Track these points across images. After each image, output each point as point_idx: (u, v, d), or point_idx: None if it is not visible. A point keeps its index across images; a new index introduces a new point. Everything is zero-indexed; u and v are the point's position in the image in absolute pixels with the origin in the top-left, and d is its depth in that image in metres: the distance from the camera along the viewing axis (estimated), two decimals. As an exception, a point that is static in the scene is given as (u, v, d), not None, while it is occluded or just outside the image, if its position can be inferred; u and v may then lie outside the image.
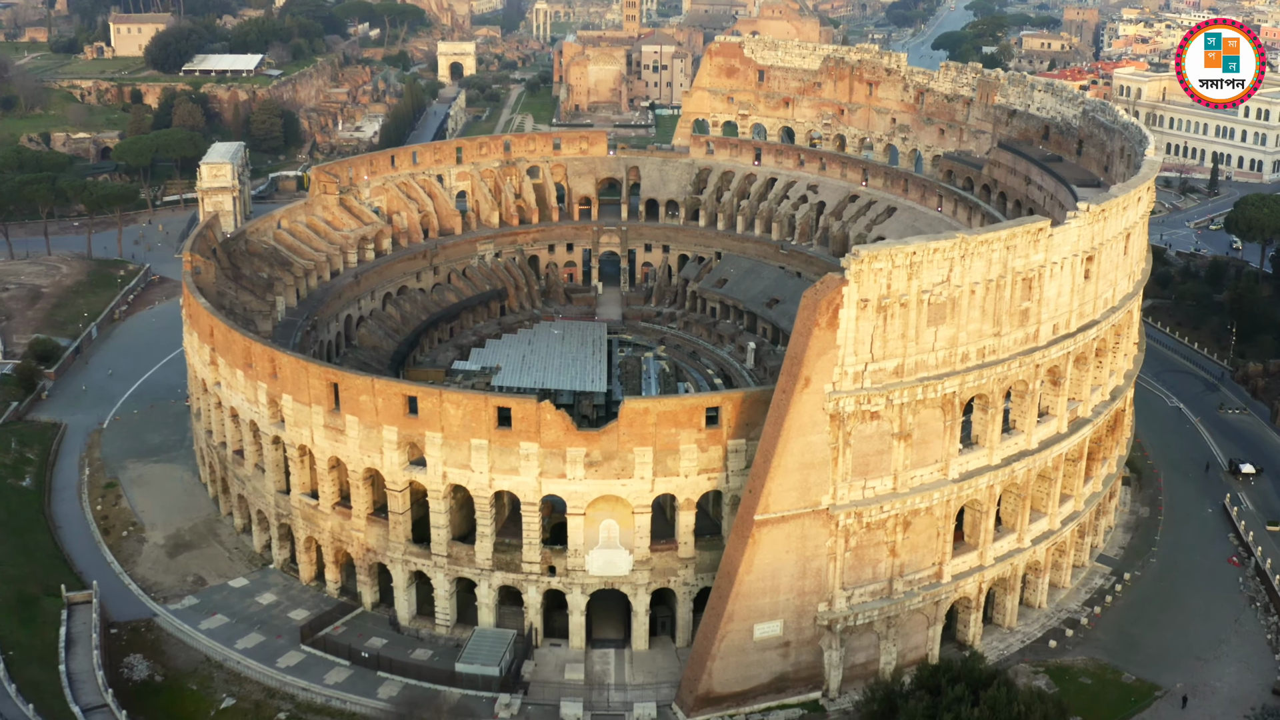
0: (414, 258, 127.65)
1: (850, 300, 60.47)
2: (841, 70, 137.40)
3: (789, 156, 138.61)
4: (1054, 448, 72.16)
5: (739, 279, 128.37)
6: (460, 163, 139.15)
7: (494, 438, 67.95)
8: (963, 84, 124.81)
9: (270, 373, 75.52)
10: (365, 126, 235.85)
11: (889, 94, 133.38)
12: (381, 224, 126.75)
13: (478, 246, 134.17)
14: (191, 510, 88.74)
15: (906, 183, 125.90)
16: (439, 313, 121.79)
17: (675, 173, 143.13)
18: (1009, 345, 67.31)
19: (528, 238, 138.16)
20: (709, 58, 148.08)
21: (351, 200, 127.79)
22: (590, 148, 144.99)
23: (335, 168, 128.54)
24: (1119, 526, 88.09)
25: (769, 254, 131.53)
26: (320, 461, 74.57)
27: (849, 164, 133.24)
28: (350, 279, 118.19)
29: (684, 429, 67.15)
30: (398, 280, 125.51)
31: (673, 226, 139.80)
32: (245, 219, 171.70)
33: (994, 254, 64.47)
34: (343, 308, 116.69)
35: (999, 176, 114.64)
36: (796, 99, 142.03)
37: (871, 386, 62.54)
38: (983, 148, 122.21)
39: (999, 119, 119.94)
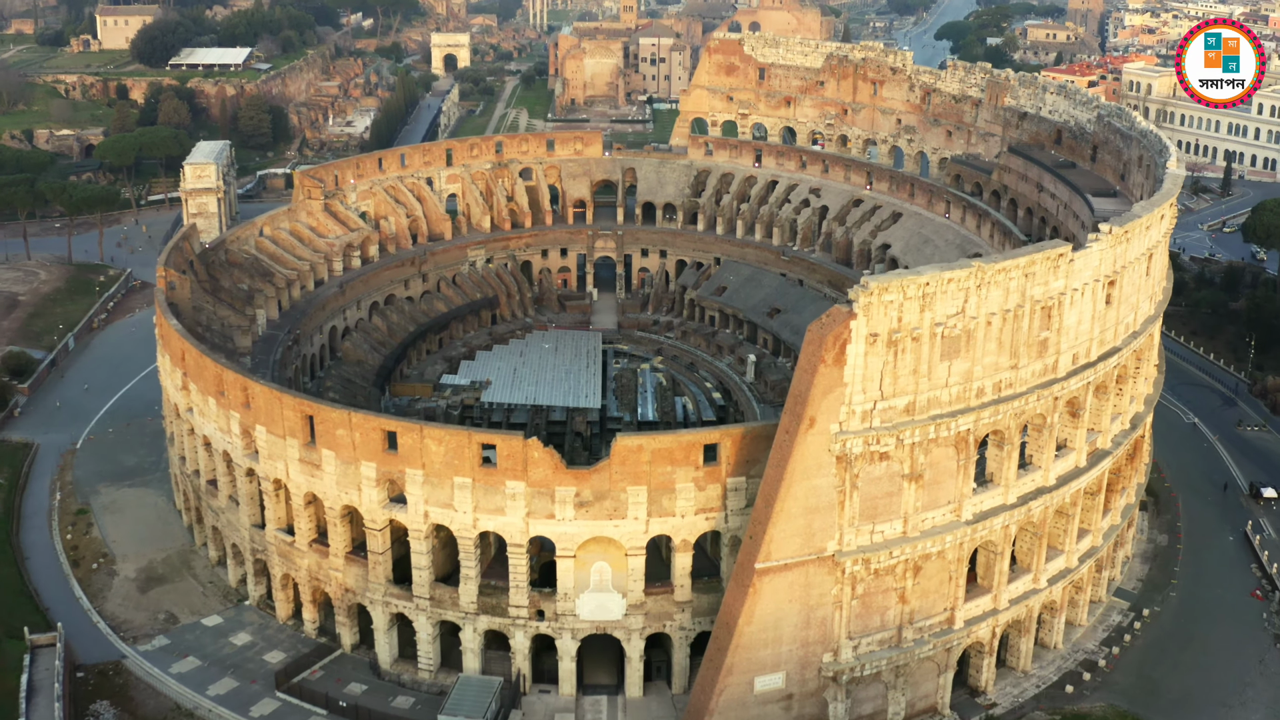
0: (402, 265, 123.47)
1: (858, 335, 56.45)
2: (845, 69, 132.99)
3: (790, 158, 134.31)
4: (1073, 483, 68.29)
5: (739, 287, 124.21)
6: (450, 165, 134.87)
7: (478, 476, 64.02)
8: (971, 84, 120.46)
9: (243, 402, 71.52)
10: (356, 121, 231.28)
11: (894, 94, 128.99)
12: (368, 230, 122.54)
13: (468, 252, 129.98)
14: (165, 540, 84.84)
15: (913, 187, 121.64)
16: (427, 323, 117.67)
17: (673, 174, 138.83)
18: (1027, 378, 63.35)
19: (520, 243, 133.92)
20: (708, 55, 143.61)
21: (337, 205, 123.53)
22: (585, 148, 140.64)
23: (320, 171, 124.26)
24: (1136, 556, 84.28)
25: (770, 260, 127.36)
26: (296, 497, 70.65)
27: (853, 166, 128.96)
28: (335, 289, 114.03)
29: (680, 467, 63.22)
30: (385, 289, 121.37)
31: (670, 231, 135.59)
32: (231, 219, 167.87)
33: (1012, 282, 60.44)
34: (327, 319, 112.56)
35: (1009, 182, 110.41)
36: (798, 98, 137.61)
37: (881, 426, 58.58)
38: (992, 151, 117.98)
39: (1009, 121, 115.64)
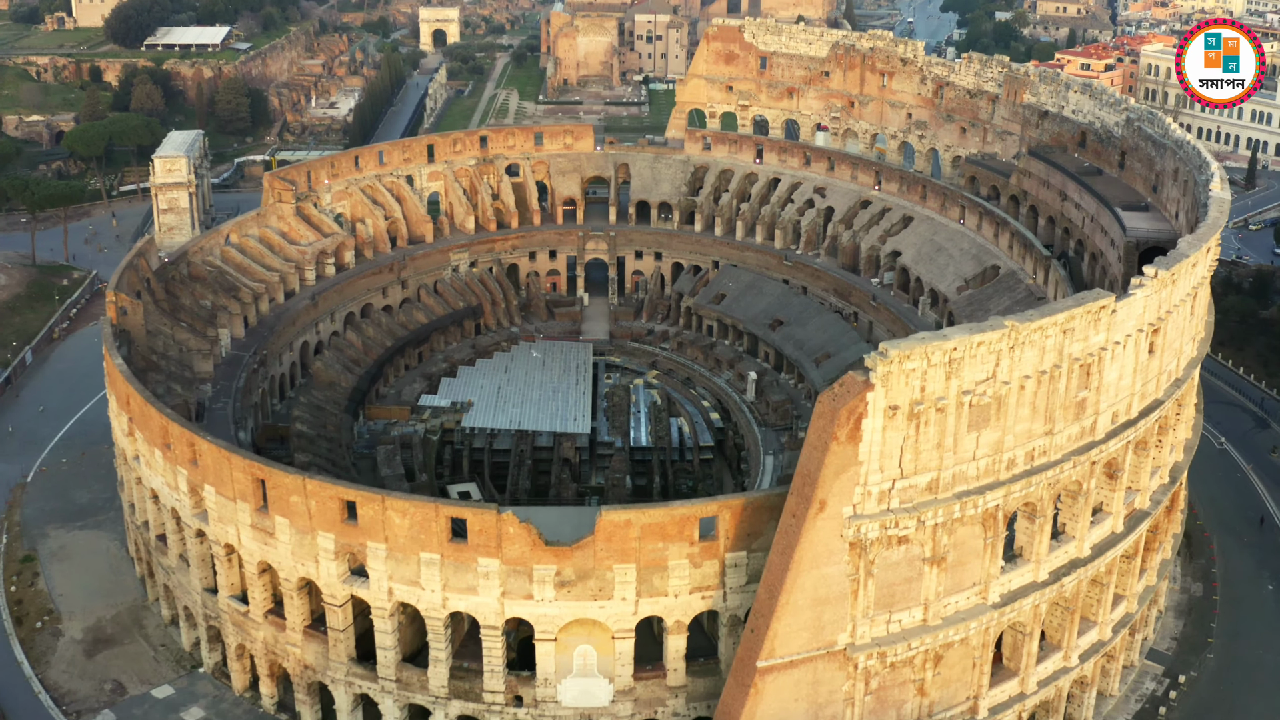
0: (379, 271, 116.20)
1: (876, 408, 49.64)
2: (852, 59, 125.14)
3: (794, 155, 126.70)
4: (1110, 552, 61.78)
5: (738, 295, 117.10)
6: (432, 161, 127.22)
7: (447, 552, 57.44)
8: (987, 78, 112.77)
9: (190, 458, 64.80)
10: (340, 102, 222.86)
11: (904, 86, 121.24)
12: (343, 235, 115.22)
13: (451, 256, 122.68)
14: (116, 593, 78.34)
15: (925, 189, 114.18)
16: (406, 337, 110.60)
17: (668, 171, 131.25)
18: (1063, 444, 56.64)
19: (506, 245, 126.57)
20: (706, 42, 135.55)
21: (310, 208, 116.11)
22: (575, 142, 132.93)
23: (292, 172, 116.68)
24: (1170, 609, 77.97)
25: (771, 265, 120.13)
26: (249, 564, 64.11)
27: (860, 165, 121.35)
28: (307, 300, 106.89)
29: (673, 542, 56.65)
30: (361, 298, 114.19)
31: (666, 231, 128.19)
32: (205, 213, 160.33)
33: (1048, 340, 53.52)
34: (298, 334, 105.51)
35: (1029, 188, 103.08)
36: (802, 89, 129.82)
37: (900, 507, 51.94)
38: (1009, 151, 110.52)
39: (1028, 120, 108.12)
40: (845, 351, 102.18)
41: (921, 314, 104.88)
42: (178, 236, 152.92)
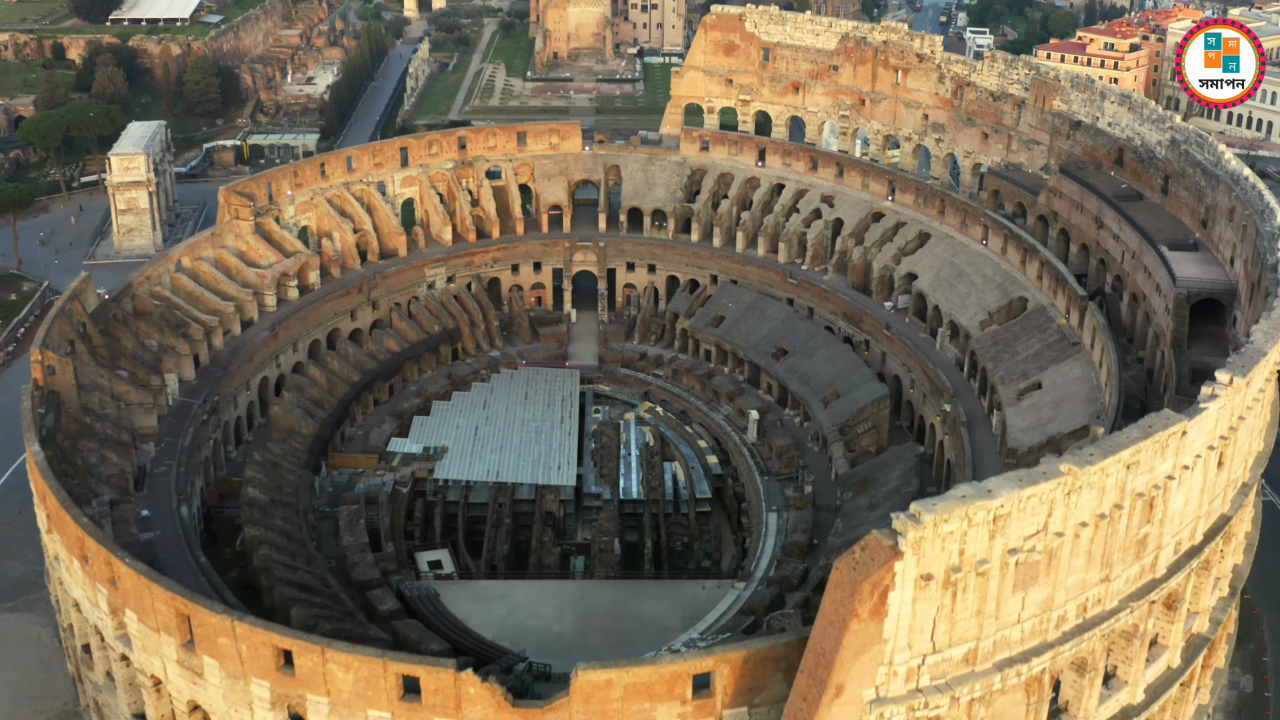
0: (348, 293, 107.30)
1: (905, 578, 41.32)
2: (863, 52, 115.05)
3: (799, 158, 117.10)
4: (1167, 692, 53.93)
5: (738, 317, 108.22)
6: (406, 165, 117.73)
7: (399, 711, 49.51)
8: (1013, 80, 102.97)
9: (109, 578, 56.70)
10: (318, 77, 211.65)
11: (921, 84, 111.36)
12: (307, 254, 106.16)
13: (426, 272, 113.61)
14: (45, 696, 70.46)
15: (943, 204, 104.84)
16: (375, 370, 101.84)
17: (663, 174, 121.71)
18: (1120, 588, 48.45)
19: (486, 258, 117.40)
20: (703, 31, 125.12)
21: (271, 224, 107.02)
22: (562, 142, 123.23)
23: (250, 185, 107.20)
24: (1218, 711, 70.35)
25: (775, 282, 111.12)
26: (178, 702, 56.26)
27: (872, 173, 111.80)
28: (266, 332, 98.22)
29: (662, 702, 48.68)
30: (327, 323, 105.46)
31: (660, 242, 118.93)
32: (169, 210, 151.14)
33: (1109, 480, 45.07)
34: (255, 371, 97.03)
35: (1060, 209, 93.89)
36: (808, 84, 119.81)
37: (931, 685, 43.92)
38: (1036, 161, 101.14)
39: (1058, 129, 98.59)
40: (856, 391, 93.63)
41: (940, 346, 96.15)
42: (137, 239, 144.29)
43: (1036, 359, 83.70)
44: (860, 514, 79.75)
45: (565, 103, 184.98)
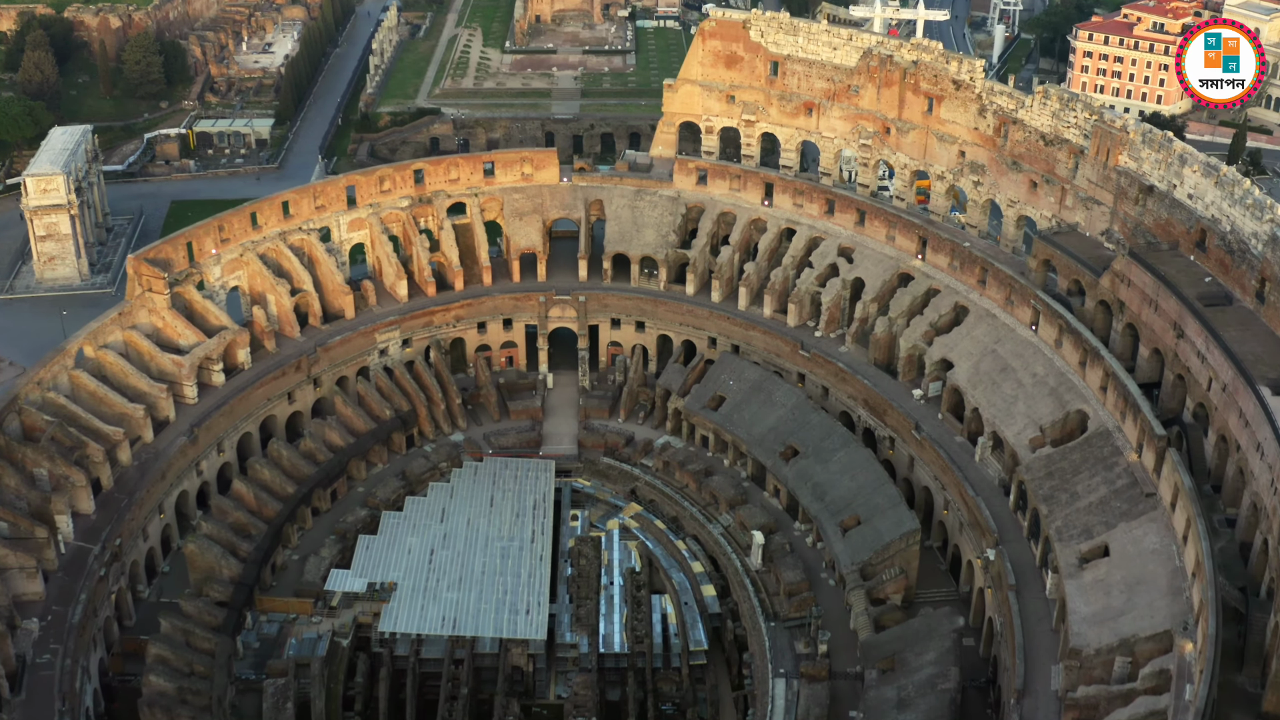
0: (284, 372, 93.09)
1: None
2: (889, 73, 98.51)
3: (813, 199, 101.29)
4: None
5: (741, 400, 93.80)
6: (353, 206, 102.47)
7: None
8: (1069, 122, 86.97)
9: None
10: (277, 43, 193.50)
11: (957, 116, 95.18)
12: (234, 331, 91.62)
13: (377, 337, 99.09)
14: None
15: (984, 272, 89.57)
16: (314, 476, 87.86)
17: (653, 211, 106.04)
18: None
19: (448, 316, 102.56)
20: (701, 39, 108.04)
21: (191, 293, 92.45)
22: (535, 172, 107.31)
23: (165, 249, 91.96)
24: None
25: (784, 353, 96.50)
26: None
27: (899, 224, 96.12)
28: (184, 436, 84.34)
29: None
30: (259, 412, 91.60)
31: (650, 294, 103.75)
32: (98, 226, 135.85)
33: None
34: (171, 488, 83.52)
35: (1128, 300, 78.84)
36: (823, 105, 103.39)
37: None
38: (1096, 224, 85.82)
39: (1124, 190, 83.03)
40: (880, 519, 79.77)
41: (980, 459, 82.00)
42: (60, 268, 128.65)
43: (1102, 510, 69.68)
44: (887, 710, 66.72)
45: (547, 82, 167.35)
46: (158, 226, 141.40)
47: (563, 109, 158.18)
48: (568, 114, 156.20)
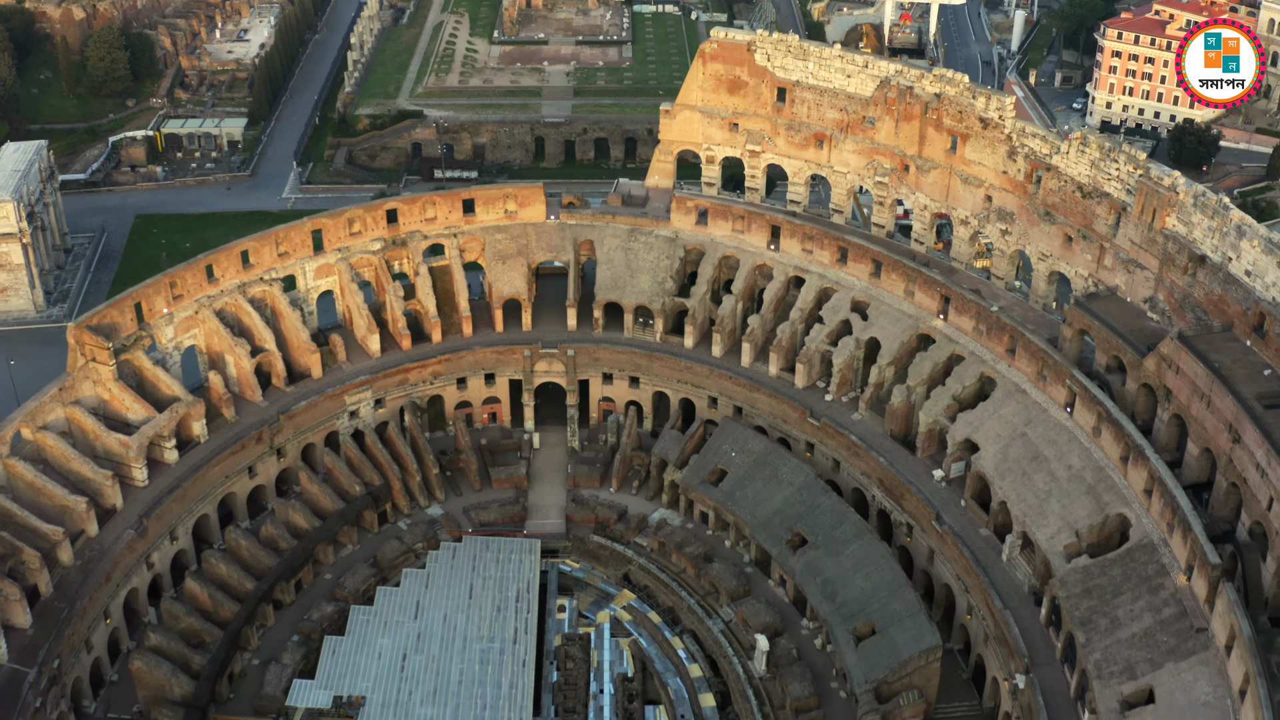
0: (243, 446, 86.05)
1: None
2: (909, 106, 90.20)
3: (824, 245, 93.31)
4: None
5: (744, 475, 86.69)
6: (320, 252, 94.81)
7: None
8: (1110, 173, 78.94)
9: None
10: (253, 30, 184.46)
11: (984, 156, 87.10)
12: (188, 403, 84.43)
13: (347, 399, 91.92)
14: None
15: (1014, 341, 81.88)
16: (277, 569, 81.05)
17: (649, 254, 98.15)
18: None
19: (424, 373, 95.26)
20: (701, 62, 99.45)
21: (140, 359, 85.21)
22: (520, 210, 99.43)
23: (111, 314, 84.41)
24: None
25: (792, 419, 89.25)
26: None
27: (919, 279, 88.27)
28: (131, 530, 77.47)
29: None
30: (217, 491, 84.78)
31: (645, 347, 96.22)
32: (55, 249, 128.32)
33: None
34: (117, 590, 76.78)
35: (1176, 389, 71.29)
36: (835, 137, 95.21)
37: None
38: (1138, 289, 78.15)
39: (1172, 257, 75.18)
40: (897, 630, 72.93)
41: (1008, 559, 74.97)
42: (13, 300, 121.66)
43: (1147, 644, 62.82)
44: None
45: (538, 79, 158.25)
46: (120, 245, 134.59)
47: (554, 110, 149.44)
48: (559, 116, 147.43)
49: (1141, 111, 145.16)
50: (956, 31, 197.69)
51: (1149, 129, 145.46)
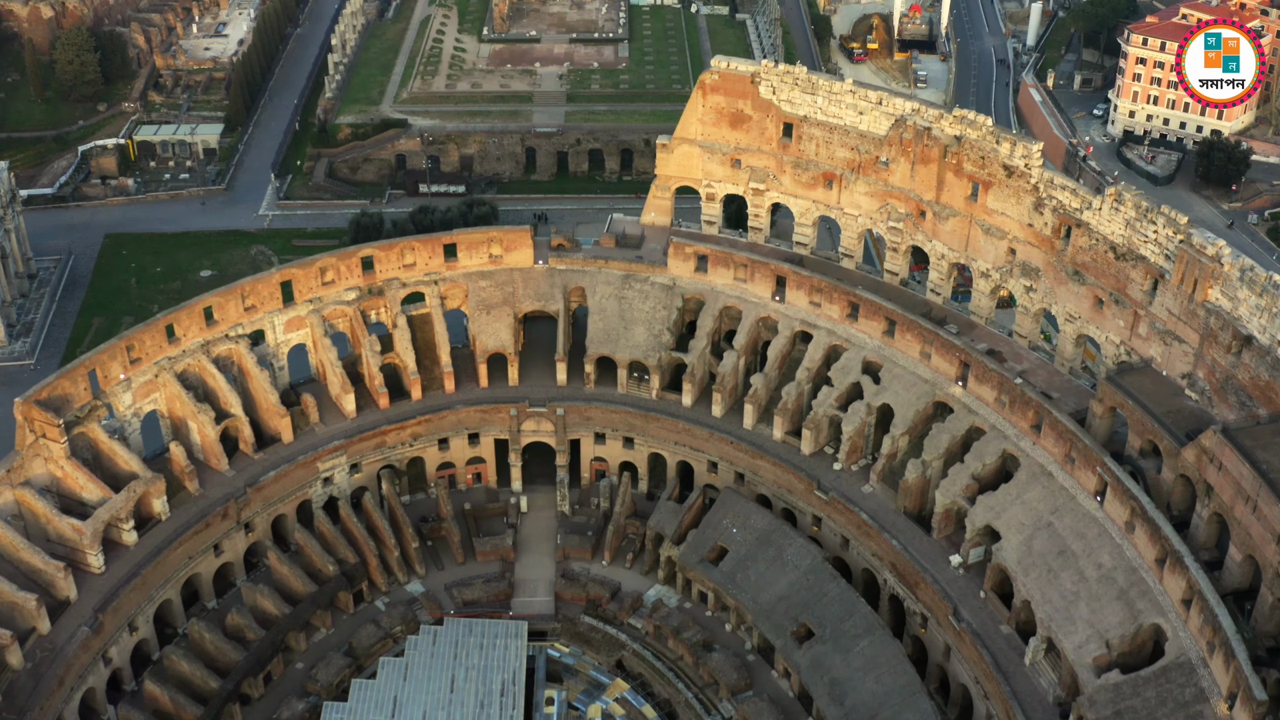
0: (208, 524, 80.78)
1: None
2: (926, 148, 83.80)
3: (834, 299, 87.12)
4: None
5: (746, 554, 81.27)
6: (291, 304, 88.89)
7: None
8: (1147, 235, 72.78)
9: None
10: (231, 25, 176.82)
11: (1007, 206, 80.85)
12: (147, 480, 78.98)
13: (320, 466, 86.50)
14: None
15: (1039, 417, 76.03)
16: (244, 664, 75.90)
17: (644, 304, 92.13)
18: None
19: (403, 434, 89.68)
20: (701, 94, 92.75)
21: (96, 431, 79.74)
22: (505, 254, 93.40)
23: (63, 384, 78.58)
24: None
25: (798, 490, 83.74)
26: None
27: (937, 342, 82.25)
28: (85, 627, 72.21)
29: None
30: (181, 573, 79.54)
31: (640, 406, 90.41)
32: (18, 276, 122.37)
33: None
34: (69, 696, 71.64)
35: (1216, 485, 65.54)
36: (846, 177, 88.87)
37: None
38: (1175, 364, 72.29)
39: (1214, 333, 69.23)
40: (911, 743, 68.01)
41: (1031, 662, 69.62)
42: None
43: (1188, 783, 57.75)
44: None
45: (529, 83, 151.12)
46: (88, 270, 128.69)
47: (546, 118, 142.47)
48: (551, 125, 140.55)
49: (1166, 121, 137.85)
50: (969, 22, 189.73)
51: (1174, 139, 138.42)
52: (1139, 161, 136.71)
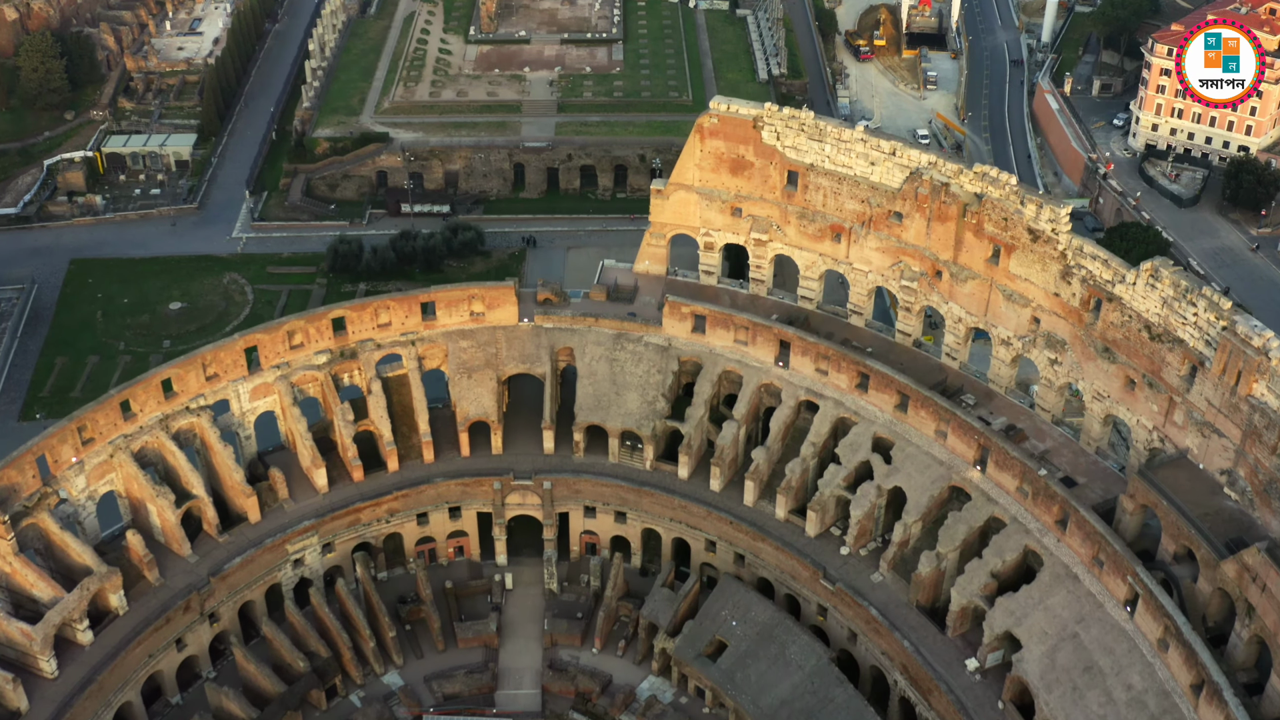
0: (169, 619, 75.73)
1: None
2: (944, 205, 77.67)
3: (842, 368, 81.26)
4: None
5: (746, 650, 76.10)
6: (257, 370, 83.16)
7: None
8: (1186, 317, 66.89)
9: None
10: (206, 22, 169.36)
11: (1033, 273, 74.85)
12: (103, 574, 73.75)
13: (289, 548, 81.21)
14: None
15: (1064, 513, 70.53)
16: (205, 779, 71.50)
17: (637, 367, 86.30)
18: None
19: (379, 511, 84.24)
20: (699, 138, 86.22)
21: (47, 521, 74.37)
22: (488, 312, 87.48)
23: (9, 474, 73.00)
24: None
25: (802, 578, 78.45)
26: None
27: (954, 422, 76.38)
28: (33, 743, 67.55)
29: None
30: (140, 673, 74.46)
31: (632, 477, 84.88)
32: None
33: None
34: (15, 822, 67.07)
35: (1258, 605, 60.26)
36: (856, 231, 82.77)
37: None
38: (1213, 458, 66.74)
39: (1258, 430, 63.56)
40: None
41: (1054, 791, 64.94)
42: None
43: None
44: None
45: (517, 90, 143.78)
46: (53, 300, 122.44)
47: (535, 130, 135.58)
48: (541, 140, 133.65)
49: (1191, 136, 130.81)
50: (980, 15, 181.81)
51: (1199, 155, 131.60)
52: (1162, 180, 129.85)
